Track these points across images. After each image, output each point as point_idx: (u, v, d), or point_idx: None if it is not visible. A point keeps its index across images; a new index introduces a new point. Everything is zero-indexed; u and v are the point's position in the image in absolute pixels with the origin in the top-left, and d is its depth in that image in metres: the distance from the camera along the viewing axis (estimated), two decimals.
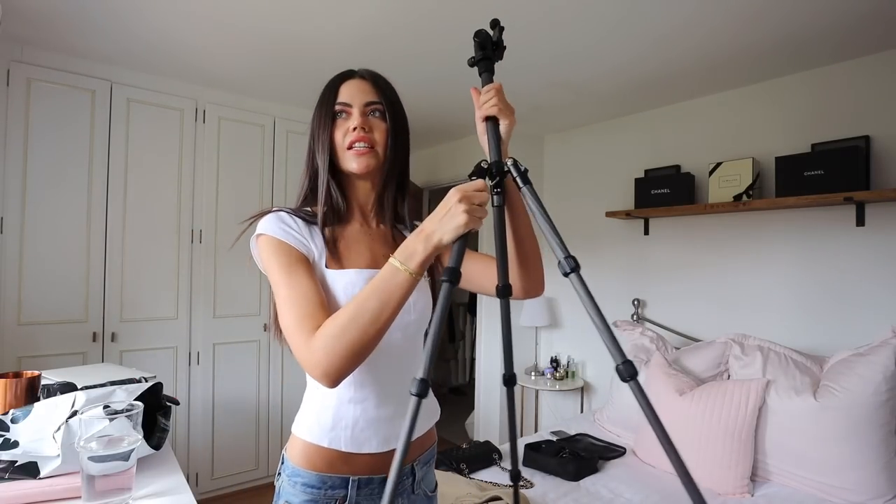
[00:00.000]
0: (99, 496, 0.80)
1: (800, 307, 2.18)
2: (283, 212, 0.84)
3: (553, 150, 3.41)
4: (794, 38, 1.89)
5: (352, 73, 0.89)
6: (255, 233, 0.83)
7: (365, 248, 0.87)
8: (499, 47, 0.76)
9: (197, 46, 2.11)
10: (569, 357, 3.11)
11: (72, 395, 0.94)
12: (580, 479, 1.91)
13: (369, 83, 0.87)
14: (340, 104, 0.85)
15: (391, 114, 0.87)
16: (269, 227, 0.81)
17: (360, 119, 0.84)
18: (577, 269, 0.57)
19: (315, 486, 0.81)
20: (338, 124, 0.86)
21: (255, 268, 0.90)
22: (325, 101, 0.87)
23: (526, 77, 2.36)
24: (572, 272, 0.57)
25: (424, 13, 1.78)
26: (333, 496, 0.80)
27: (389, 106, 0.87)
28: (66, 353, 2.21)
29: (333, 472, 0.81)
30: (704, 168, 2.46)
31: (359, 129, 0.83)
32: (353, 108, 0.85)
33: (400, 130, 0.88)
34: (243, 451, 2.72)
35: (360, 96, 0.85)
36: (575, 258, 0.58)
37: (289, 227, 0.81)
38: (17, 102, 2.12)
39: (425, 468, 0.91)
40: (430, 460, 0.93)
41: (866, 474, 1.64)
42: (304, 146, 0.94)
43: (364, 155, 0.84)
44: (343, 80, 0.88)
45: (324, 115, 0.86)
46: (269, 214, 0.84)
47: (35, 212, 2.17)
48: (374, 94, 0.86)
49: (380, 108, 0.86)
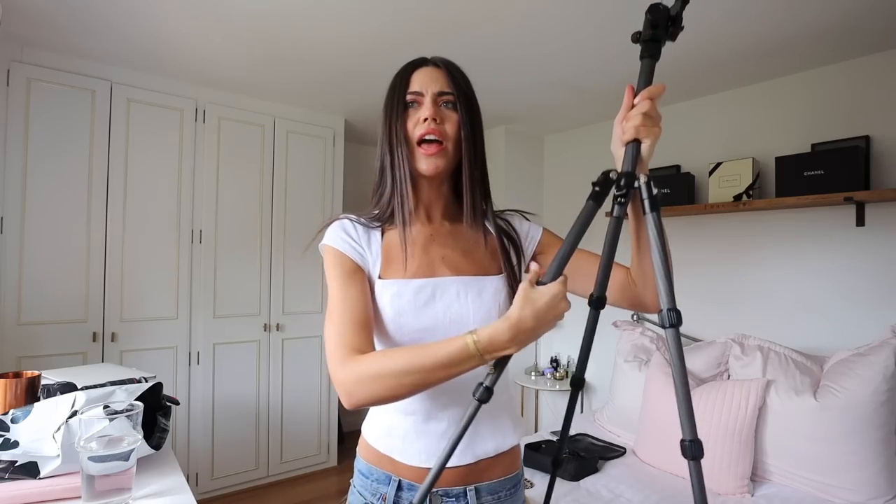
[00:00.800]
0: (99, 496, 0.80)
1: (800, 307, 2.18)
2: (346, 219, 0.83)
3: (553, 150, 3.41)
4: (794, 38, 1.89)
5: (425, 60, 0.83)
6: (322, 242, 0.82)
7: (424, 251, 0.82)
8: (675, 24, 0.65)
9: (197, 46, 2.11)
10: (569, 357, 3.11)
11: (72, 395, 0.94)
12: (580, 479, 1.91)
13: (443, 71, 0.81)
14: (412, 93, 0.80)
15: (465, 105, 0.81)
16: (331, 238, 0.80)
17: (432, 109, 0.78)
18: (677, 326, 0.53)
19: (365, 474, 0.83)
20: (409, 114, 0.80)
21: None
22: (395, 90, 0.81)
23: (526, 77, 2.36)
24: (671, 327, 0.53)
25: (425, 16, 1.78)
26: (378, 490, 0.80)
27: (463, 97, 0.81)
28: (66, 353, 2.22)
29: (381, 468, 0.81)
30: (704, 168, 2.46)
31: (430, 121, 0.78)
32: (425, 97, 0.79)
33: (474, 123, 0.82)
34: (243, 451, 2.72)
35: (433, 85, 0.80)
36: (679, 312, 0.53)
37: (349, 236, 0.80)
38: (17, 102, 2.12)
39: (491, 499, 0.80)
40: (498, 492, 0.81)
41: (866, 474, 1.63)
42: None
43: (434, 155, 0.79)
44: (415, 67, 0.82)
45: (395, 105, 0.80)
46: (334, 223, 0.82)
47: (35, 212, 2.17)
48: (447, 84, 0.80)
49: (451, 99, 0.80)
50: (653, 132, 0.67)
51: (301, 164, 2.93)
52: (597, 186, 0.64)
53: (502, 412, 0.83)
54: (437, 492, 0.77)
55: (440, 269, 0.81)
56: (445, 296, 0.78)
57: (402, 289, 0.78)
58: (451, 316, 0.78)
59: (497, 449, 0.81)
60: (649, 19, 0.65)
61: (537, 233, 0.91)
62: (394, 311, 0.77)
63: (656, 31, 0.64)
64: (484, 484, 0.79)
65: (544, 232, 0.92)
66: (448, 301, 0.78)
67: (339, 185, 3.10)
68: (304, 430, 2.96)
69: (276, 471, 2.85)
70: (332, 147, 3.07)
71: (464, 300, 0.79)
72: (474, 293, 0.79)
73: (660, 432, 2.02)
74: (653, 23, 0.64)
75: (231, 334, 2.69)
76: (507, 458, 0.83)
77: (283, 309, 2.86)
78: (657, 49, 0.65)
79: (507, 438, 0.82)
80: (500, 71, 2.28)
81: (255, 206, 2.78)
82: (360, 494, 0.83)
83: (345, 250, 0.78)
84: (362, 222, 0.83)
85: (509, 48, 2.04)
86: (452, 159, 0.81)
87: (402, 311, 0.77)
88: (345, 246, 0.79)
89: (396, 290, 0.77)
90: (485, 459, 0.79)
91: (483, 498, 0.79)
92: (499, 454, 0.81)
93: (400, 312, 0.77)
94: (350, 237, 0.80)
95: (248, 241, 2.74)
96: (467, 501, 0.78)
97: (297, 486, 2.81)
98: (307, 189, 2.97)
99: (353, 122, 3.17)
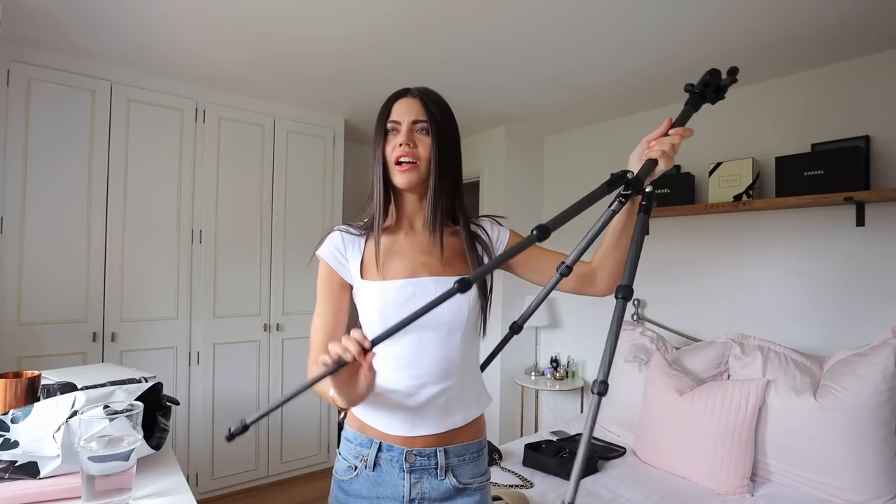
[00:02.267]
0: (99, 496, 0.80)
1: (800, 307, 2.18)
2: (337, 231, 0.99)
3: (553, 150, 3.41)
4: (794, 38, 1.89)
5: (406, 91, 0.98)
6: (318, 251, 0.99)
7: (407, 257, 0.97)
8: (718, 93, 0.79)
9: (197, 46, 2.11)
10: (569, 357, 3.11)
11: (72, 395, 0.94)
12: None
13: (418, 102, 0.96)
14: (392, 122, 0.95)
15: (436, 131, 0.95)
16: (322, 250, 0.98)
17: (406, 136, 0.93)
18: (627, 298, 0.60)
19: (350, 440, 0.98)
20: (388, 140, 0.96)
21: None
22: (380, 119, 0.97)
23: (526, 77, 2.36)
24: (622, 298, 0.61)
25: (425, 13, 1.78)
26: (360, 453, 0.95)
27: (435, 123, 0.95)
28: (66, 353, 2.22)
29: (365, 434, 0.96)
30: (704, 168, 2.46)
31: (404, 145, 0.93)
32: (402, 125, 0.94)
33: (445, 145, 0.96)
34: (243, 451, 2.72)
35: (409, 114, 0.95)
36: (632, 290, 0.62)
37: (335, 247, 0.97)
38: (17, 102, 2.12)
39: (457, 461, 0.96)
40: (463, 455, 0.97)
41: (866, 474, 1.63)
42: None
43: (407, 171, 0.93)
44: (396, 99, 0.97)
45: (378, 132, 0.97)
46: (328, 235, 0.99)
47: (35, 212, 2.17)
48: (422, 113, 0.95)
49: (425, 126, 0.95)
50: (670, 161, 0.81)
51: (301, 164, 2.93)
52: (613, 177, 0.76)
53: (470, 391, 0.99)
54: (413, 451, 0.93)
55: (420, 271, 0.95)
56: (425, 293, 0.92)
57: (386, 287, 0.93)
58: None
59: (464, 420, 0.97)
60: (705, 79, 0.78)
61: (505, 235, 1.05)
62: (381, 305, 0.92)
63: (705, 89, 0.79)
64: (451, 447, 0.96)
65: (511, 234, 1.06)
66: (427, 298, 0.91)
67: (339, 185, 3.10)
68: (304, 430, 2.96)
69: (276, 471, 2.85)
70: (332, 147, 3.07)
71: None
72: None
73: (660, 432, 2.02)
74: (706, 82, 0.78)
75: (231, 334, 2.69)
76: (472, 427, 0.99)
77: (283, 309, 2.86)
78: (699, 102, 0.80)
79: (472, 411, 0.99)
80: (497, 69, 2.29)
81: (255, 206, 2.78)
82: (344, 459, 0.98)
83: (331, 263, 0.96)
84: (352, 232, 0.99)
85: (510, 47, 2.04)
86: (424, 176, 0.96)
87: (387, 306, 0.92)
88: (331, 258, 0.97)
89: (382, 289, 0.93)
90: (454, 428, 0.96)
91: (450, 459, 0.95)
92: (466, 424, 0.97)
93: (386, 307, 0.92)
94: (336, 249, 0.97)
95: (248, 241, 2.74)
96: (437, 460, 0.94)
97: (297, 486, 2.82)
98: (307, 189, 2.97)
99: (352, 122, 3.17)
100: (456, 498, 0.95)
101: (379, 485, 0.93)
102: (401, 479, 0.92)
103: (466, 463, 0.97)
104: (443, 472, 0.94)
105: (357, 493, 0.95)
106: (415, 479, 0.93)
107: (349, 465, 0.96)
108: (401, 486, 0.92)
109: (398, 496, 0.92)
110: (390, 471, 0.93)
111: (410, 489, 0.93)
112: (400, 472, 0.92)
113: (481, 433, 1.02)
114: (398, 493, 0.92)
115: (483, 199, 3.38)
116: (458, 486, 0.95)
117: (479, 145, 3.41)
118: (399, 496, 0.92)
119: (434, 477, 0.94)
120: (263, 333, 2.80)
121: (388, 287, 0.92)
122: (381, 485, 0.93)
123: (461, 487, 0.96)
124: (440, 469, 0.94)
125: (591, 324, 3.07)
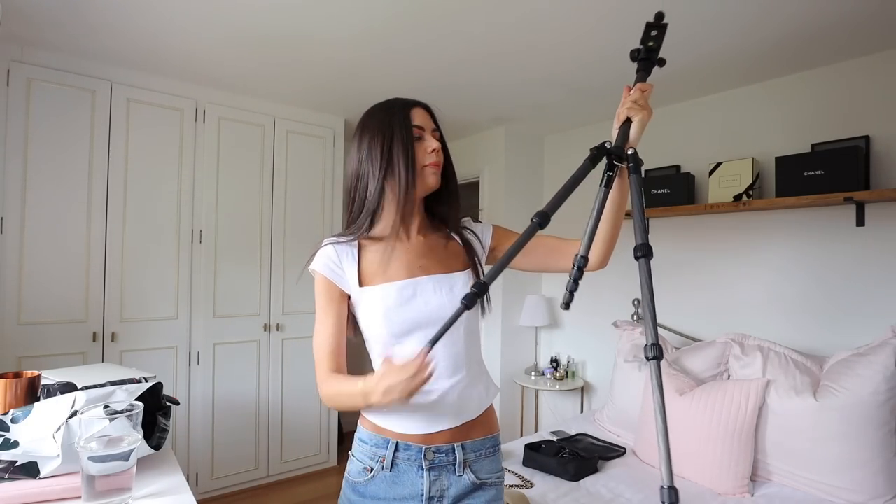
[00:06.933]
0: (99, 496, 0.80)
1: (800, 307, 2.18)
2: (329, 246, 0.98)
3: (553, 150, 3.41)
4: (794, 38, 1.89)
5: (416, 101, 1.00)
6: (311, 266, 0.98)
7: (404, 260, 0.98)
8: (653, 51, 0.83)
9: (197, 46, 2.11)
10: (569, 357, 3.11)
11: (72, 395, 0.94)
12: (580, 479, 1.91)
13: (429, 113, 1.00)
14: (416, 127, 0.96)
15: (444, 141, 1.01)
16: (317, 264, 0.97)
17: (438, 143, 0.97)
18: (648, 256, 0.61)
19: (365, 440, 0.98)
20: (417, 144, 0.96)
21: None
22: (398, 122, 0.95)
23: (526, 77, 2.36)
24: (643, 257, 0.61)
25: (425, 14, 1.78)
26: (377, 454, 0.95)
27: (442, 134, 1.01)
28: (66, 353, 2.22)
29: (381, 435, 0.96)
30: (704, 168, 2.46)
31: (439, 151, 0.97)
32: (426, 132, 0.97)
33: (448, 155, 1.02)
34: (243, 451, 2.72)
35: (428, 122, 0.98)
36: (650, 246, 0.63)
37: (330, 260, 0.96)
38: (17, 102, 2.12)
39: (474, 456, 0.97)
40: (479, 450, 0.98)
41: (866, 474, 1.64)
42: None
43: (436, 173, 0.97)
44: (412, 106, 0.98)
45: (404, 135, 0.94)
46: (320, 250, 0.98)
47: (35, 212, 2.17)
48: (436, 124, 1.00)
49: (438, 136, 0.99)
50: (640, 112, 0.81)
51: (301, 164, 2.93)
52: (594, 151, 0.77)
53: (478, 381, 1.01)
54: (431, 448, 0.94)
55: (417, 272, 0.97)
56: (424, 292, 0.95)
57: (387, 290, 0.94)
58: (431, 308, 0.94)
59: (478, 410, 0.99)
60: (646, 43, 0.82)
61: (488, 230, 1.09)
62: (384, 307, 0.93)
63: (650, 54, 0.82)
64: (468, 442, 0.97)
65: (494, 228, 1.09)
66: (427, 297, 0.94)
67: (339, 185, 3.10)
68: (304, 430, 2.96)
69: (276, 471, 2.85)
70: (332, 147, 3.07)
71: (439, 294, 0.96)
72: (447, 288, 0.97)
73: None
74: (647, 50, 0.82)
75: (231, 334, 2.69)
76: (486, 421, 1.01)
77: (283, 309, 2.86)
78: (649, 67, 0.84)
79: (483, 400, 1.01)
80: (496, 68, 2.29)
81: (255, 207, 2.78)
82: (358, 461, 0.98)
83: (328, 275, 0.96)
84: (342, 242, 0.99)
85: (510, 47, 2.04)
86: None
87: (390, 309, 0.93)
88: (327, 271, 0.96)
89: (383, 292, 0.93)
90: (468, 421, 0.97)
91: (468, 454, 0.96)
92: (479, 416, 0.99)
93: (389, 310, 0.93)
94: (332, 261, 0.96)
95: (248, 241, 2.74)
96: (455, 456, 0.95)
97: (297, 486, 2.82)
98: (307, 189, 2.97)
99: (352, 122, 3.17)
100: (475, 493, 0.96)
101: (396, 485, 0.94)
102: (419, 478, 0.93)
103: (483, 458, 0.99)
104: (461, 467, 0.95)
105: (374, 495, 0.95)
106: (434, 476, 0.93)
107: (364, 467, 0.96)
108: (419, 484, 0.93)
109: (417, 495, 0.92)
110: (408, 470, 0.93)
111: (430, 487, 0.93)
112: (419, 470, 0.93)
113: (495, 428, 1.04)
114: (417, 492, 0.93)
115: (483, 199, 3.38)
116: (477, 482, 0.96)
117: (479, 145, 3.41)
118: (418, 495, 0.92)
119: (452, 473, 0.95)
120: (263, 333, 2.80)
121: (390, 290, 0.93)
122: (399, 485, 0.93)
123: (479, 483, 0.97)
124: (458, 465, 0.95)
125: (591, 324, 3.07)
